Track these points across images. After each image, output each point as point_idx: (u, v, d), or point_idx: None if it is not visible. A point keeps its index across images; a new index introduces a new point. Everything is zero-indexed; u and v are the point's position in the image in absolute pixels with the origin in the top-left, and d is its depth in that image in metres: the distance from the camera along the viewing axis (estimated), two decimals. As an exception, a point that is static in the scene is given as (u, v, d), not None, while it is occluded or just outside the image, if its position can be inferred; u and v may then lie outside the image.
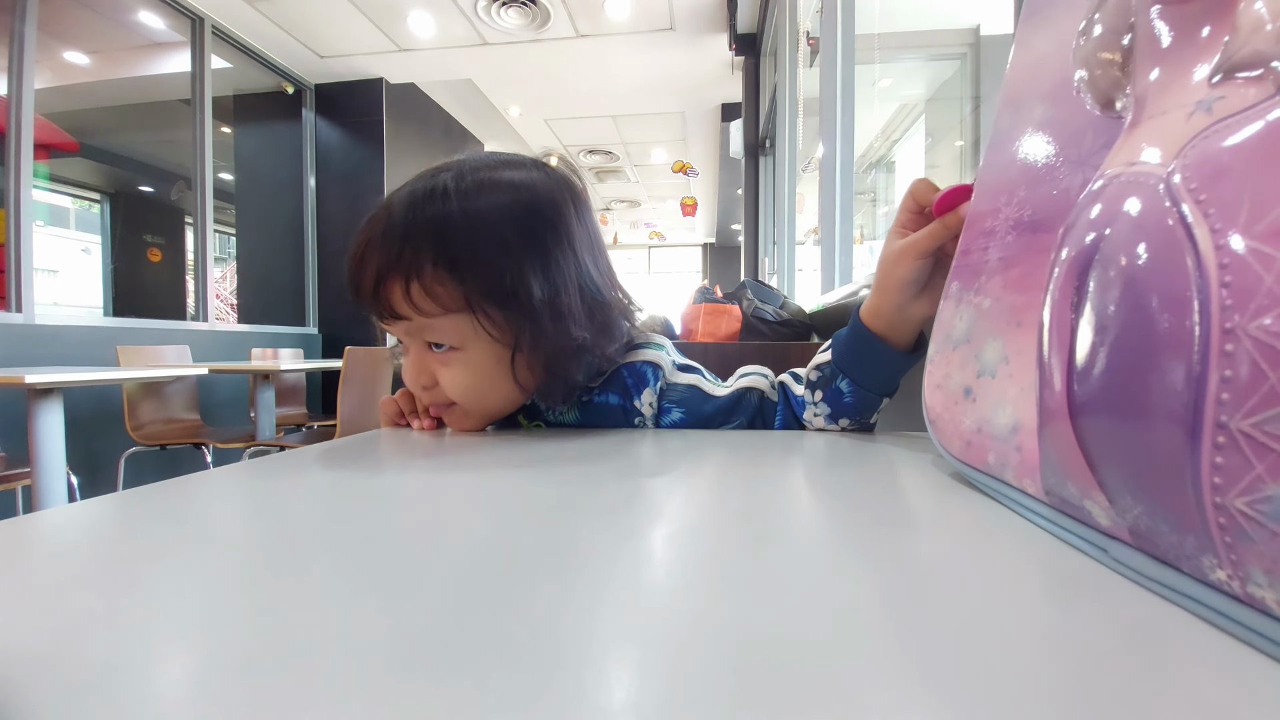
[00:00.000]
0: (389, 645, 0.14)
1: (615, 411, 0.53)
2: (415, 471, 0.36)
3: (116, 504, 0.26)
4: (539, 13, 3.52)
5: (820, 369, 0.50)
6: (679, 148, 6.11)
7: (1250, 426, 0.13)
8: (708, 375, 0.57)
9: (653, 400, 0.53)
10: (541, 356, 0.48)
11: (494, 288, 0.46)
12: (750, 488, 0.31)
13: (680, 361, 0.57)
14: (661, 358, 0.55)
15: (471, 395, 0.49)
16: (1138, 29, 0.21)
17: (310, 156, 4.30)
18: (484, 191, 0.47)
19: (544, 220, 0.48)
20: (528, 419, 0.57)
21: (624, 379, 0.53)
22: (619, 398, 0.53)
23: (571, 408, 0.55)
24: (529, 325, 0.47)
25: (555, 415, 0.55)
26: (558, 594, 0.17)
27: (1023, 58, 0.31)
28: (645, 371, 0.53)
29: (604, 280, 0.51)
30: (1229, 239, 0.15)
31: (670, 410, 0.54)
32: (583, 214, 0.51)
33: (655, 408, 0.54)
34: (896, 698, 0.12)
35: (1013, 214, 0.28)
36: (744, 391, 0.54)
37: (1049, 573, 0.19)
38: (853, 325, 0.48)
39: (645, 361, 0.54)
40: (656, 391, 0.54)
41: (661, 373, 0.54)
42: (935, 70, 2.86)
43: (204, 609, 0.17)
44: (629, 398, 0.53)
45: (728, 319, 1.69)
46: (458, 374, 0.48)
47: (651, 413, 0.53)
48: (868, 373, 0.48)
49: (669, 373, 0.55)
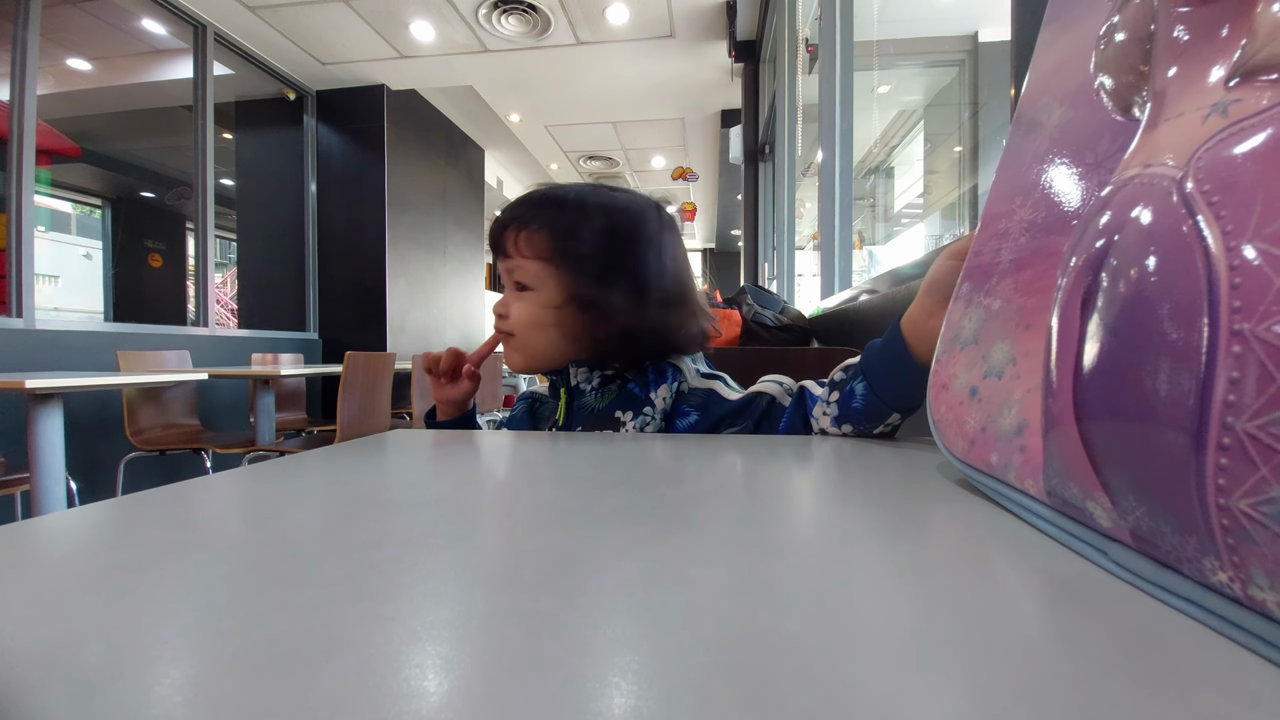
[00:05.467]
0: (389, 650, 0.14)
1: (635, 400, 0.60)
2: (415, 476, 0.36)
3: (115, 509, 0.26)
4: (540, 20, 3.54)
5: (846, 369, 0.52)
6: (679, 154, 6.13)
7: (1256, 429, 0.13)
8: (729, 382, 0.62)
9: (667, 396, 0.60)
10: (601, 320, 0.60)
11: (575, 251, 0.59)
12: (753, 492, 0.31)
13: (705, 370, 0.64)
14: (685, 363, 0.63)
15: (525, 329, 0.61)
16: (1158, 31, 0.21)
17: (311, 162, 4.32)
18: (596, 192, 0.63)
19: (628, 219, 0.62)
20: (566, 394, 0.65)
21: (648, 373, 0.62)
22: (639, 388, 0.61)
23: (608, 393, 0.62)
24: (592, 287, 0.59)
25: (591, 395, 0.63)
26: (563, 599, 0.17)
27: (1044, 60, 0.31)
28: (666, 370, 0.62)
29: (674, 285, 0.62)
30: (1240, 242, 0.15)
31: (688, 413, 0.60)
32: (664, 232, 0.63)
33: (668, 404, 0.60)
34: (896, 701, 0.12)
35: (1026, 216, 0.28)
36: (754, 395, 0.58)
37: (1048, 577, 0.19)
38: (890, 329, 0.49)
39: (669, 363, 0.62)
40: (672, 390, 0.61)
41: (681, 375, 0.62)
42: (933, 77, 2.87)
43: (203, 614, 0.16)
44: (647, 389, 0.61)
45: (728, 324, 1.69)
46: (524, 307, 0.61)
47: (663, 407, 0.60)
48: (883, 377, 0.48)
49: (690, 377, 0.62)
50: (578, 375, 0.64)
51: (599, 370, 0.63)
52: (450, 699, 0.12)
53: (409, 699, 0.12)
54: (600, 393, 0.63)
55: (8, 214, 2.58)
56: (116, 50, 3.89)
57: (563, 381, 0.65)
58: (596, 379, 0.63)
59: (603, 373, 0.63)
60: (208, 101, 3.50)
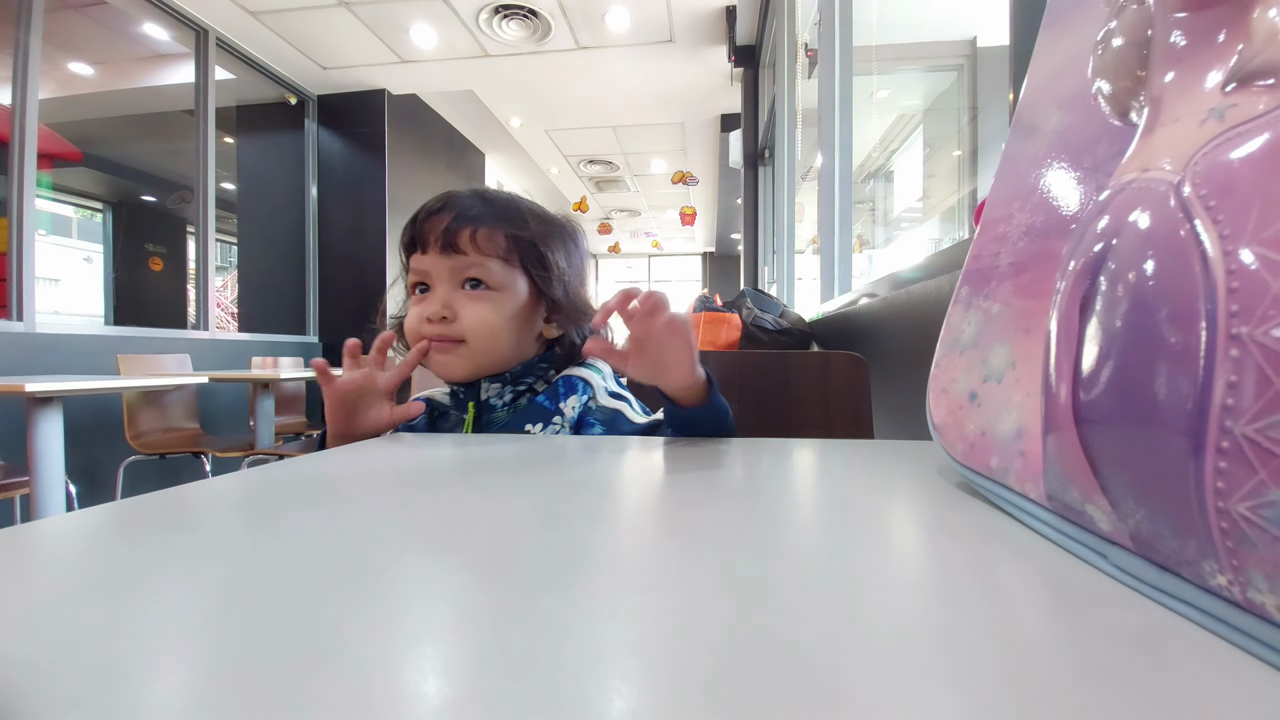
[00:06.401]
0: (388, 653, 0.14)
1: (544, 412, 0.60)
2: (416, 478, 0.36)
3: (115, 513, 0.26)
4: (540, 25, 3.55)
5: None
6: (679, 158, 6.14)
7: (1254, 432, 0.13)
8: (634, 404, 0.63)
9: (576, 405, 0.60)
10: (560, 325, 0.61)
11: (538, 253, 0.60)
12: (753, 492, 0.31)
13: (613, 389, 0.64)
14: (595, 379, 0.63)
15: (487, 332, 0.58)
16: (1155, 36, 0.21)
17: (312, 166, 4.33)
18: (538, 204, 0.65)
19: (564, 230, 0.65)
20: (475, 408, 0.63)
21: (558, 385, 0.61)
22: (549, 400, 0.60)
23: (517, 407, 0.61)
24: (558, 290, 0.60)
25: (503, 411, 0.62)
26: (561, 602, 0.17)
27: (1042, 65, 0.31)
28: (577, 383, 0.61)
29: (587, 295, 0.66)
30: (1237, 246, 0.15)
31: (594, 425, 0.60)
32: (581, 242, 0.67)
33: (576, 414, 0.60)
34: (895, 703, 0.12)
35: (1025, 219, 0.28)
36: (658, 423, 0.60)
37: (1048, 581, 0.19)
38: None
39: (580, 377, 0.62)
40: (582, 401, 0.61)
41: (591, 390, 0.62)
42: (933, 81, 2.88)
43: (202, 618, 0.16)
44: (556, 400, 0.60)
45: (727, 328, 1.69)
46: (484, 309, 0.58)
47: (572, 416, 0.60)
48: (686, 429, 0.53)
49: (599, 394, 0.62)
50: (489, 390, 0.61)
51: (511, 386, 0.61)
52: (450, 701, 0.12)
53: (409, 701, 0.12)
54: (511, 408, 0.61)
55: (9, 217, 2.58)
56: (118, 55, 3.90)
57: (471, 395, 0.62)
58: (509, 394, 0.62)
59: (515, 389, 0.61)
60: (209, 106, 3.51)
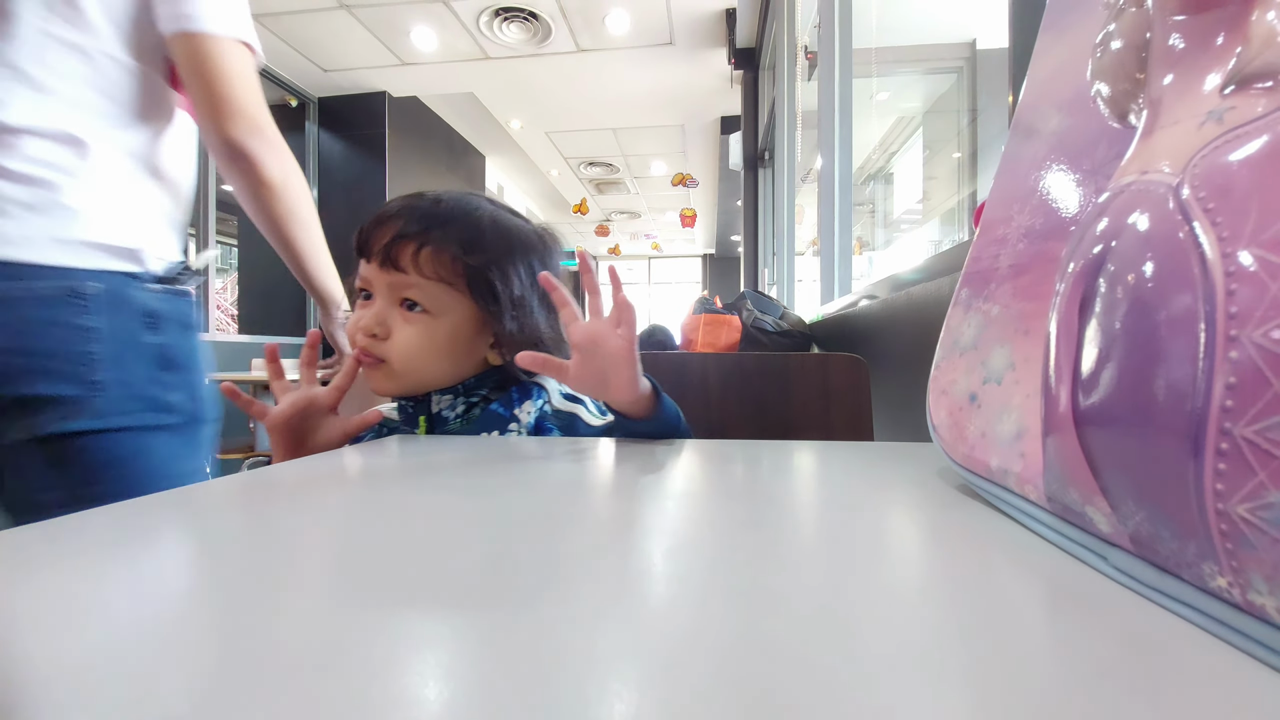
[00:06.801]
0: (388, 657, 0.14)
1: (499, 420, 0.59)
2: (416, 480, 0.36)
3: (114, 514, 0.26)
4: (540, 28, 3.56)
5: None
6: (679, 160, 6.15)
7: (1253, 433, 0.13)
8: (590, 406, 0.62)
9: (532, 410, 0.59)
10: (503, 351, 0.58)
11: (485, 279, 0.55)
12: (753, 493, 0.31)
13: (568, 391, 0.63)
14: (550, 382, 0.62)
15: (413, 356, 0.56)
16: (1153, 39, 0.21)
17: (313, 168, 4.34)
18: (505, 210, 0.61)
19: (541, 248, 0.60)
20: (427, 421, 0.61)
21: (512, 392, 0.60)
22: (503, 407, 0.59)
23: (471, 417, 0.60)
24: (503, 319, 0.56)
25: (456, 422, 0.60)
26: (561, 604, 0.17)
27: (1041, 67, 0.31)
28: (531, 388, 0.60)
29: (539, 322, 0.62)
30: (1236, 248, 0.15)
31: (552, 429, 0.59)
32: (552, 257, 0.62)
33: (533, 420, 0.59)
34: (895, 704, 0.12)
35: (1025, 221, 0.29)
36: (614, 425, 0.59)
37: (1048, 583, 0.19)
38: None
39: (534, 382, 0.61)
40: (538, 405, 0.60)
41: (546, 394, 0.61)
42: (932, 84, 2.89)
43: (202, 619, 0.16)
44: (511, 406, 0.59)
45: (727, 329, 1.70)
46: (414, 334, 0.56)
47: (529, 422, 0.59)
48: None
49: (554, 397, 0.61)
50: (440, 403, 0.60)
51: (464, 398, 0.60)
52: (451, 702, 0.12)
53: (410, 705, 0.12)
54: (464, 418, 0.60)
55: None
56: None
57: (422, 409, 0.60)
58: (461, 405, 0.60)
59: (468, 400, 0.60)
60: (210, 108, 3.51)
